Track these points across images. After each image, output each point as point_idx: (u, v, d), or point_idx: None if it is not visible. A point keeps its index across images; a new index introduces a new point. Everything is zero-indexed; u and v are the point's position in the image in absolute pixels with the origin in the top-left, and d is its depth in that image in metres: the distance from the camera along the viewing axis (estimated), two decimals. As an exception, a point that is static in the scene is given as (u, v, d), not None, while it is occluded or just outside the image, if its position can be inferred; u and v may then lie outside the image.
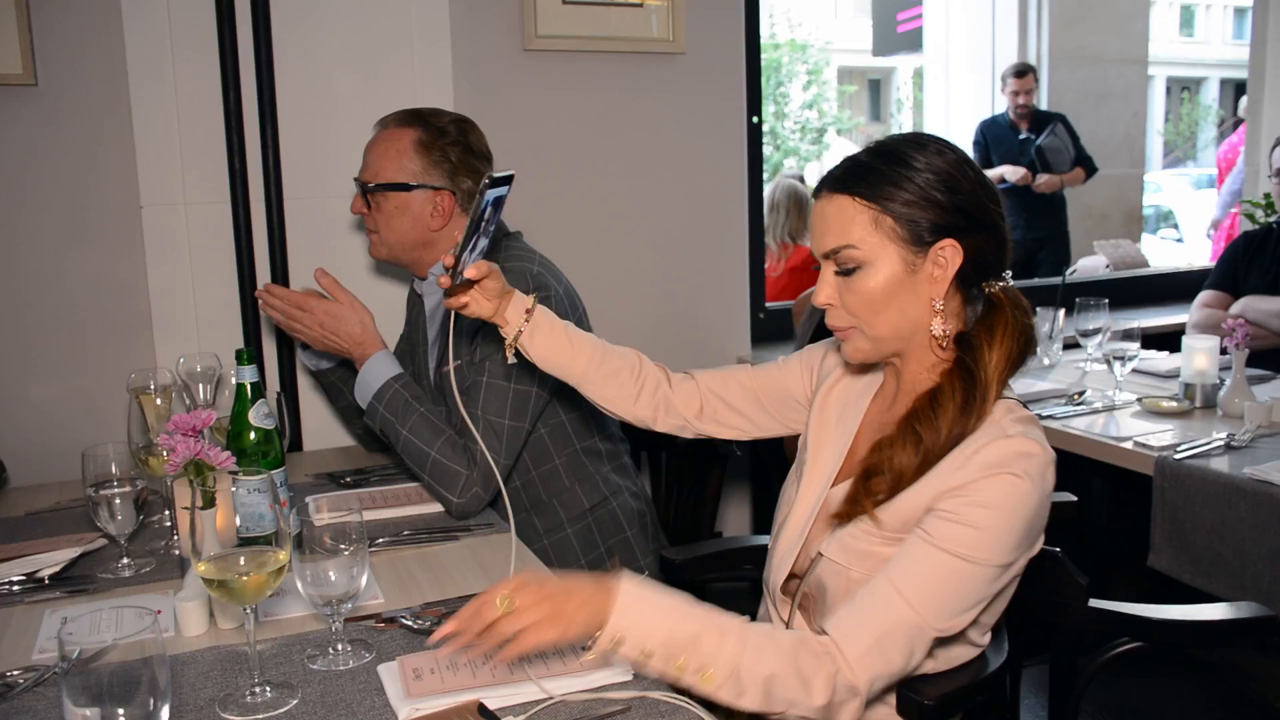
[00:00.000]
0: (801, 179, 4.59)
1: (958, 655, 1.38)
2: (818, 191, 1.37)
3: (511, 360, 1.56)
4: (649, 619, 1.19)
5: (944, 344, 1.33)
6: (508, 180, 1.43)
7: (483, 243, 1.45)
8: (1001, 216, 1.34)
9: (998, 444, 1.26)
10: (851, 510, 1.35)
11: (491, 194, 1.41)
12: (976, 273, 1.33)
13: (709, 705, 1.21)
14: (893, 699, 1.35)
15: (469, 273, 1.43)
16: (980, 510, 1.24)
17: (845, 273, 1.33)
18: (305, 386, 2.47)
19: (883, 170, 1.30)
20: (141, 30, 2.27)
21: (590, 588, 1.20)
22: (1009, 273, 1.36)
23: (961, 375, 1.32)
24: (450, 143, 2.01)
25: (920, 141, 1.33)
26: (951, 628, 1.26)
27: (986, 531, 1.24)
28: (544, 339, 1.55)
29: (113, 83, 2.28)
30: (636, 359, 1.63)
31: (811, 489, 1.46)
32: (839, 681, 1.21)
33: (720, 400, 1.64)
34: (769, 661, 1.20)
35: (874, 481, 1.33)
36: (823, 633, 1.26)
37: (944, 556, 1.24)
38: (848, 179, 1.32)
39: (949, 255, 1.30)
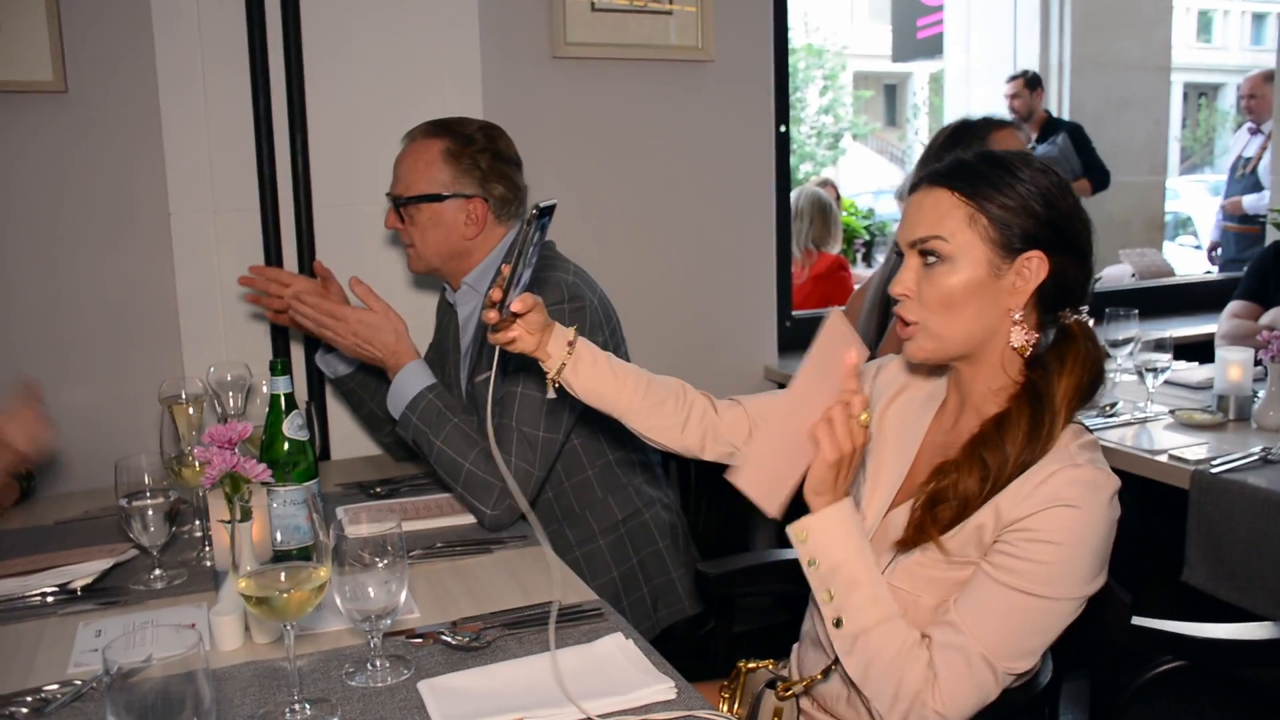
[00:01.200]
0: (825, 182, 4.58)
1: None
2: (916, 186, 1.37)
3: (552, 395, 1.52)
4: (837, 540, 1.29)
5: (1024, 354, 1.32)
6: (551, 210, 1.40)
7: (527, 274, 1.42)
8: (1091, 248, 1.34)
9: (1065, 473, 1.24)
10: (917, 538, 1.33)
11: (538, 224, 1.38)
12: (1058, 293, 1.32)
13: None
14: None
15: (515, 306, 1.39)
16: (1047, 546, 1.23)
17: (929, 265, 1.32)
18: (334, 395, 2.46)
19: (986, 173, 1.31)
20: (172, 37, 2.27)
21: (845, 481, 1.30)
22: (1086, 308, 1.35)
23: (1030, 400, 1.30)
24: (479, 150, 2.00)
25: (1025, 158, 1.33)
26: (1022, 667, 1.27)
27: (1055, 566, 1.23)
28: (587, 372, 1.50)
29: (143, 89, 2.28)
30: (680, 387, 1.58)
31: (870, 511, 1.44)
32: (916, 714, 1.25)
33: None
34: (887, 653, 1.26)
35: (940, 509, 1.31)
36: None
37: (1018, 597, 1.24)
38: (951, 175, 1.33)
39: (1034, 267, 1.29)
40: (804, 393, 1.30)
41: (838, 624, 1.29)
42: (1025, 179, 1.30)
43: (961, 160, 1.34)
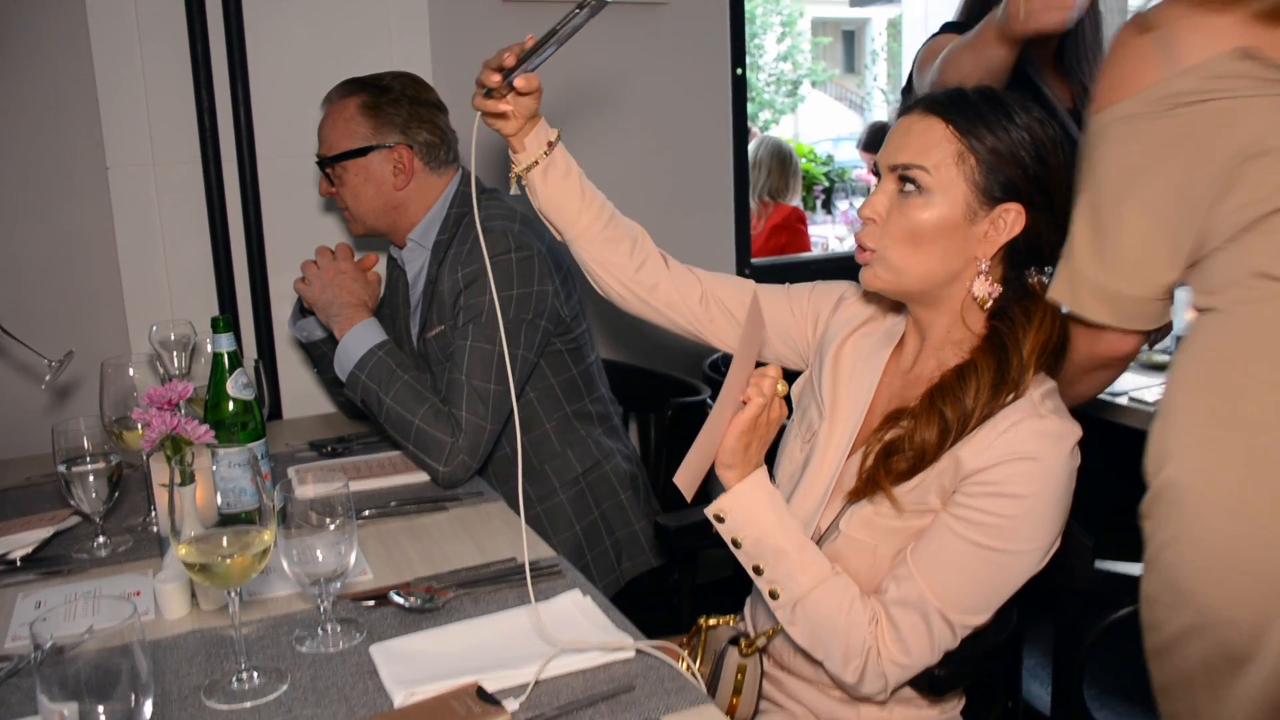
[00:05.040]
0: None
1: (970, 625, 1.35)
2: (909, 108, 1.31)
3: (514, 191, 1.48)
4: (755, 514, 1.28)
5: (984, 306, 1.28)
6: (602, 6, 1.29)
7: (549, 54, 1.34)
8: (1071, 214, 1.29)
9: (1029, 424, 1.21)
10: (868, 489, 1.30)
11: (589, 8, 1.28)
12: (1028, 251, 1.28)
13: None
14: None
15: (519, 82, 1.35)
16: (1009, 500, 1.21)
17: (905, 193, 1.27)
18: (284, 353, 2.39)
19: (983, 110, 1.26)
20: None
21: (756, 454, 1.29)
22: (1051, 269, 1.31)
23: (994, 352, 1.26)
24: (395, 98, 1.95)
25: (1026, 105, 1.28)
26: (978, 621, 1.27)
27: (1015, 519, 1.21)
28: (557, 179, 1.45)
29: (72, 35, 2.16)
30: (641, 233, 1.54)
31: (828, 456, 1.39)
32: (871, 668, 1.26)
33: (720, 306, 1.53)
34: (828, 616, 1.26)
35: (895, 460, 1.27)
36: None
37: (977, 550, 1.22)
38: (948, 105, 1.28)
39: (1010, 220, 1.25)
40: (730, 384, 1.27)
41: (774, 596, 1.29)
42: (1021, 124, 1.25)
43: (962, 93, 1.29)
